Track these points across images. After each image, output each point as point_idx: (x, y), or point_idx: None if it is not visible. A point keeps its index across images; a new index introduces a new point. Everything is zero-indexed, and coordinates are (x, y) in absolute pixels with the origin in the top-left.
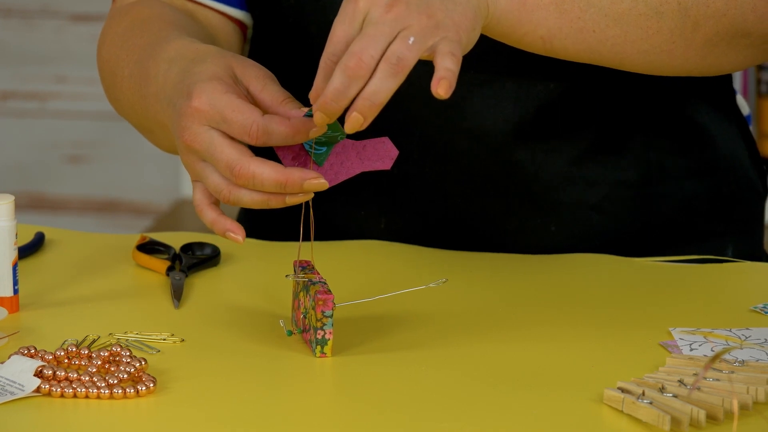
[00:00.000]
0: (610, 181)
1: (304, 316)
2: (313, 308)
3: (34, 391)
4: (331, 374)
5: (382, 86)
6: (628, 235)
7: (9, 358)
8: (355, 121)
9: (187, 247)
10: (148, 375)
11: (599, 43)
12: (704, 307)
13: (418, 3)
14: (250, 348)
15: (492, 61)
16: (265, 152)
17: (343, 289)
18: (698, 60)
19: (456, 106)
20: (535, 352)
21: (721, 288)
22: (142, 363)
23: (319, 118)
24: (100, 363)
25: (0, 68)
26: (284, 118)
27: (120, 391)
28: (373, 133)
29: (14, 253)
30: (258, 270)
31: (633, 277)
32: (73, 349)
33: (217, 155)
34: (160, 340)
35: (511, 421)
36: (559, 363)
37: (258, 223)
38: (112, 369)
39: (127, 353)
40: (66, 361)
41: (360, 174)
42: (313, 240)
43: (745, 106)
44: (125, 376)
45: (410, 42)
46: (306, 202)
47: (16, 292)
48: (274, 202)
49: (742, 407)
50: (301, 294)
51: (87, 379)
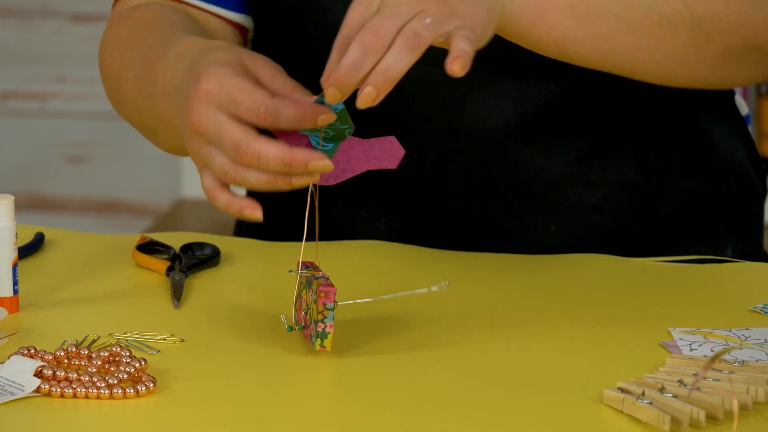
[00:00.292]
0: (610, 181)
1: (306, 313)
2: (315, 302)
3: (34, 391)
4: (330, 374)
5: (398, 60)
6: (628, 235)
7: (9, 358)
8: (367, 95)
9: (187, 248)
10: (148, 375)
11: (612, 50)
12: (704, 307)
13: None
14: (249, 348)
15: (492, 62)
16: None
17: (343, 288)
18: (709, 72)
19: (456, 106)
20: (535, 352)
21: (721, 288)
22: (142, 363)
23: (331, 94)
24: (100, 363)
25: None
26: (294, 101)
27: (120, 392)
28: (373, 133)
29: (14, 253)
30: (258, 270)
31: (633, 277)
32: (73, 350)
33: (224, 135)
34: (160, 340)
35: (511, 421)
36: (559, 363)
37: (258, 224)
38: (112, 369)
39: (127, 353)
40: (66, 361)
41: (362, 173)
42: (317, 240)
43: (743, 106)
44: (125, 377)
45: (427, 21)
46: (312, 203)
47: (16, 292)
48: (280, 183)
49: (742, 407)
50: (304, 292)
51: (87, 379)
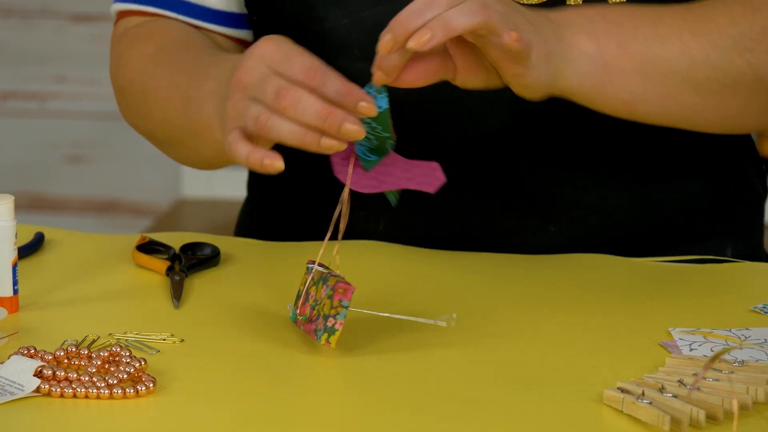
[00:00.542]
0: (610, 181)
1: (313, 308)
2: (329, 297)
3: (33, 391)
4: (330, 374)
5: (461, 16)
6: (627, 235)
7: (9, 358)
8: (421, 35)
9: (187, 247)
10: (148, 375)
11: (679, 108)
12: (704, 307)
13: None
14: (250, 348)
15: None
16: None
17: None
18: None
19: (453, 108)
20: (535, 352)
21: (721, 288)
22: (142, 363)
23: (378, 77)
24: (99, 363)
25: (0, 68)
26: (342, 77)
27: (120, 391)
28: None
29: (14, 253)
30: (258, 270)
31: (633, 277)
32: (73, 350)
33: (267, 83)
34: (160, 340)
35: (511, 421)
36: (559, 363)
37: (258, 223)
38: (112, 369)
39: (127, 353)
40: (66, 361)
41: None
42: (317, 240)
43: None
44: (125, 377)
45: (497, 8)
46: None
47: (15, 292)
48: (309, 139)
49: (742, 407)
50: (313, 288)
51: (87, 379)
